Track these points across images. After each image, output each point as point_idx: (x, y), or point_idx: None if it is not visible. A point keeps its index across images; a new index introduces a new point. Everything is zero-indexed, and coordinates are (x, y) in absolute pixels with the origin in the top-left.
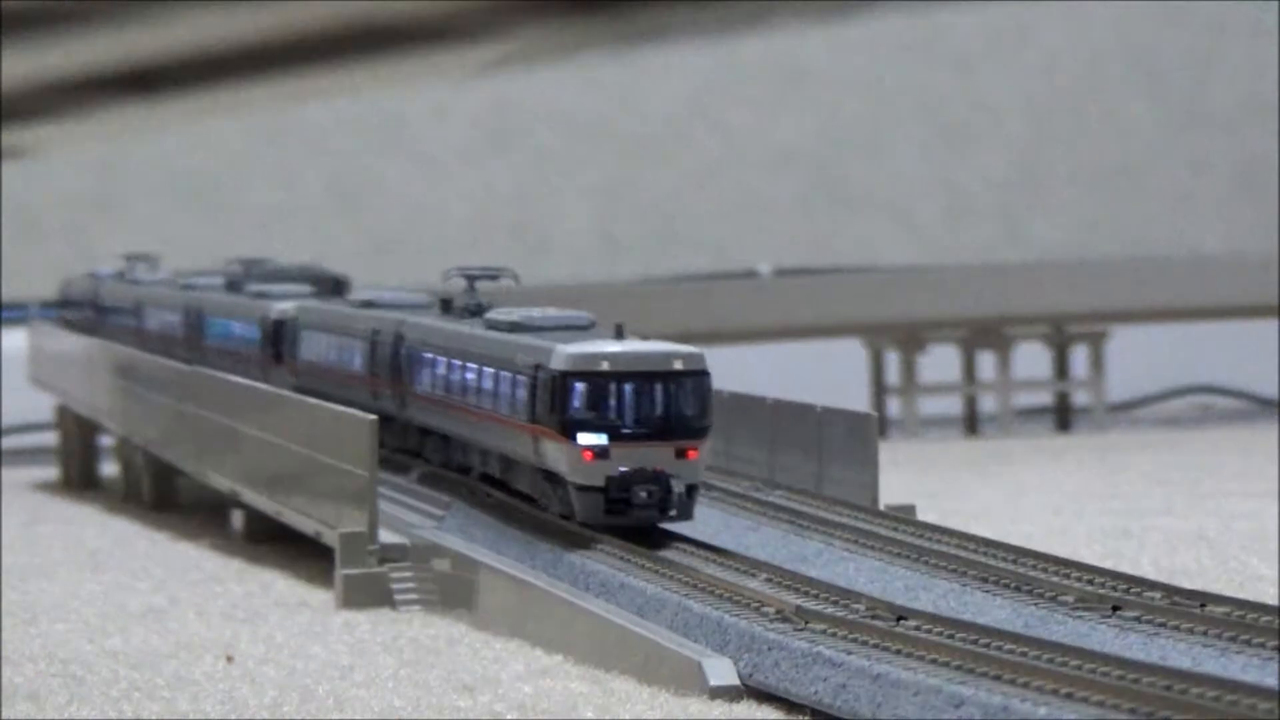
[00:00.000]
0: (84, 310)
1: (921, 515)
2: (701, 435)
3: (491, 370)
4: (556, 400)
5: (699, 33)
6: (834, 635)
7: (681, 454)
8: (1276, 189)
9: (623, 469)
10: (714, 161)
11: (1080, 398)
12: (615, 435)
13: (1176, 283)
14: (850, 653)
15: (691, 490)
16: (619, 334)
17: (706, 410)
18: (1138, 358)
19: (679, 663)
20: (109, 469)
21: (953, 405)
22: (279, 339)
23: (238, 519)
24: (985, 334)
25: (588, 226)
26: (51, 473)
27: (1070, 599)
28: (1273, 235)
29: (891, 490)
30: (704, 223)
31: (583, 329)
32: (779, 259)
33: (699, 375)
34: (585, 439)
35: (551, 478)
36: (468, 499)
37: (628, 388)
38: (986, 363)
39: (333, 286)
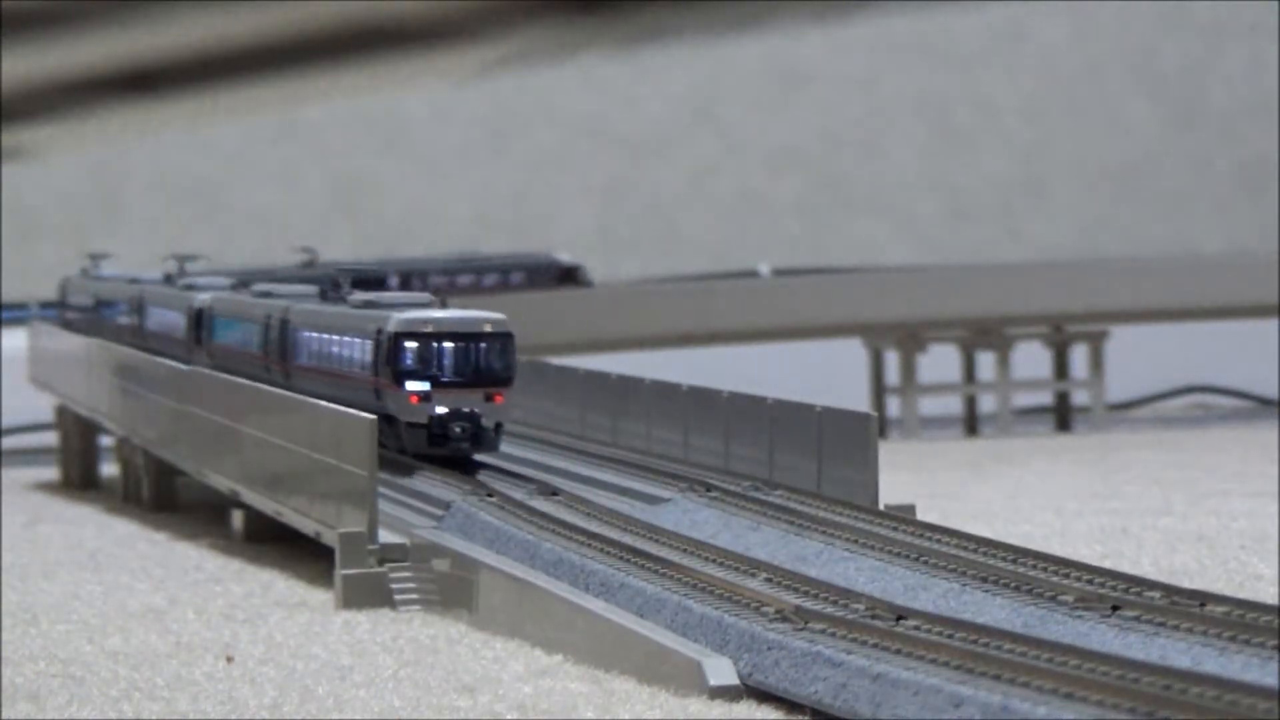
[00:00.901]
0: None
1: (921, 515)
2: (506, 384)
3: (348, 339)
4: (390, 356)
5: (699, 33)
6: (834, 635)
7: (490, 398)
8: (1276, 189)
9: (442, 410)
10: (714, 161)
11: (1080, 398)
12: (436, 383)
13: (1176, 283)
14: (850, 652)
15: (498, 428)
16: (443, 305)
17: (510, 364)
18: (1137, 358)
19: (679, 663)
20: (109, 469)
21: (952, 405)
22: (199, 325)
23: (238, 519)
24: (985, 334)
25: (588, 226)
26: (51, 473)
27: (1070, 599)
28: (1273, 235)
29: (891, 490)
30: (704, 223)
31: (420, 305)
32: (779, 259)
33: (504, 336)
34: (412, 385)
35: (389, 419)
36: (468, 499)
37: (446, 346)
38: (986, 363)
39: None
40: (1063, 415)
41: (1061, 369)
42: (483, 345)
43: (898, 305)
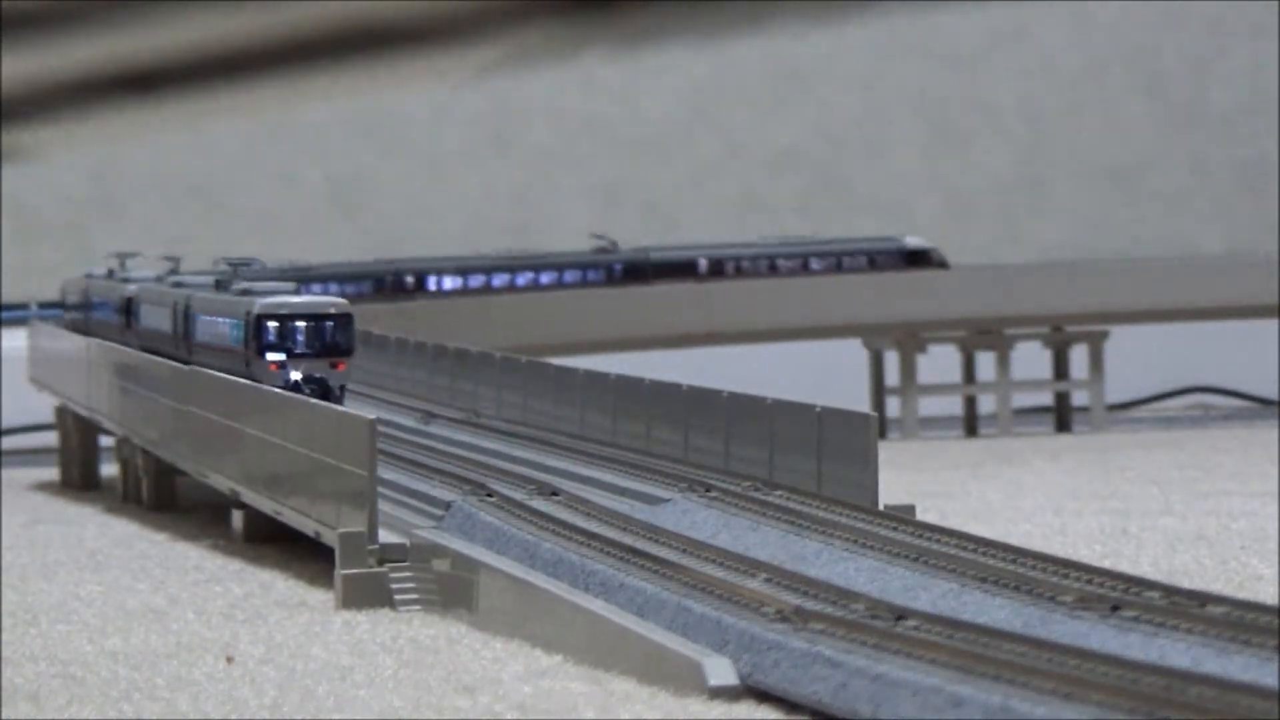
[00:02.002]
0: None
1: (921, 515)
2: (347, 354)
3: (228, 319)
4: (255, 333)
5: (698, 33)
6: (834, 635)
7: (334, 365)
8: (1276, 189)
9: (296, 375)
10: (714, 161)
11: (1079, 398)
12: (290, 354)
13: (1176, 283)
14: (850, 652)
15: (342, 388)
16: (297, 292)
17: (350, 339)
18: (1137, 358)
19: (679, 663)
20: (109, 469)
21: (952, 405)
22: (129, 312)
23: (237, 519)
24: (985, 334)
25: (588, 226)
26: (51, 473)
27: (1070, 599)
28: (1273, 235)
29: (891, 490)
30: (704, 223)
31: (282, 293)
32: None
33: (345, 316)
34: (271, 356)
35: (258, 380)
36: (468, 499)
37: (298, 324)
38: (986, 363)
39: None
40: (1062, 415)
41: (1061, 369)
42: (328, 324)
43: (897, 305)
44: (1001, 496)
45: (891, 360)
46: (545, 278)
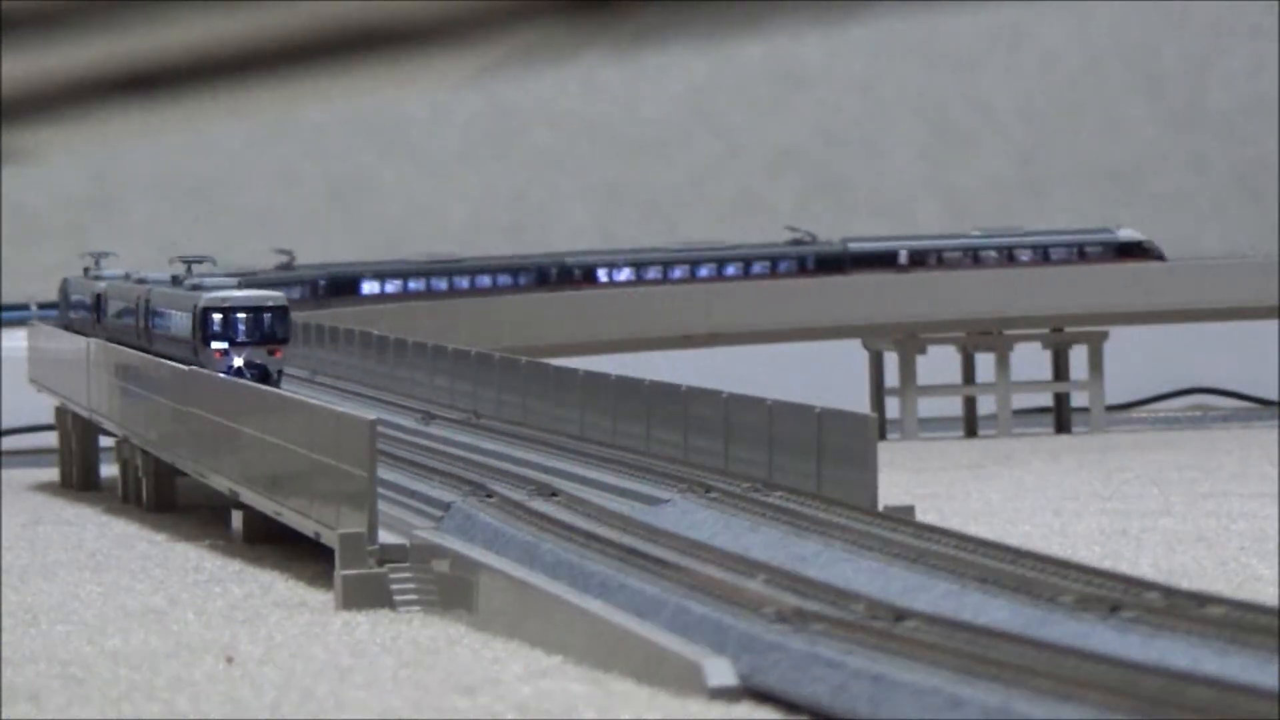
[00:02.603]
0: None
1: (920, 516)
2: (283, 342)
3: (181, 312)
4: (201, 324)
5: (699, 33)
6: (833, 636)
7: (271, 352)
8: (1276, 189)
9: (238, 361)
10: (714, 161)
11: (1079, 399)
12: (232, 342)
13: (1176, 283)
14: (849, 653)
15: (279, 373)
16: (239, 287)
17: (286, 328)
18: (1136, 359)
19: (678, 663)
20: (109, 469)
21: (952, 406)
22: (99, 306)
23: (237, 519)
24: (984, 335)
25: (588, 226)
26: (51, 473)
27: (1069, 599)
28: (1273, 235)
29: (890, 491)
30: (704, 223)
31: (226, 288)
32: None
33: (281, 308)
34: (215, 344)
35: (204, 367)
36: (468, 500)
37: (239, 316)
38: (985, 364)
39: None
40: (1062, 416)
41: (1060, 370)
42: (265, 315)
43: (897, 306)
44: (1001, 497)
45: (891, 361)
46: (731, 269)
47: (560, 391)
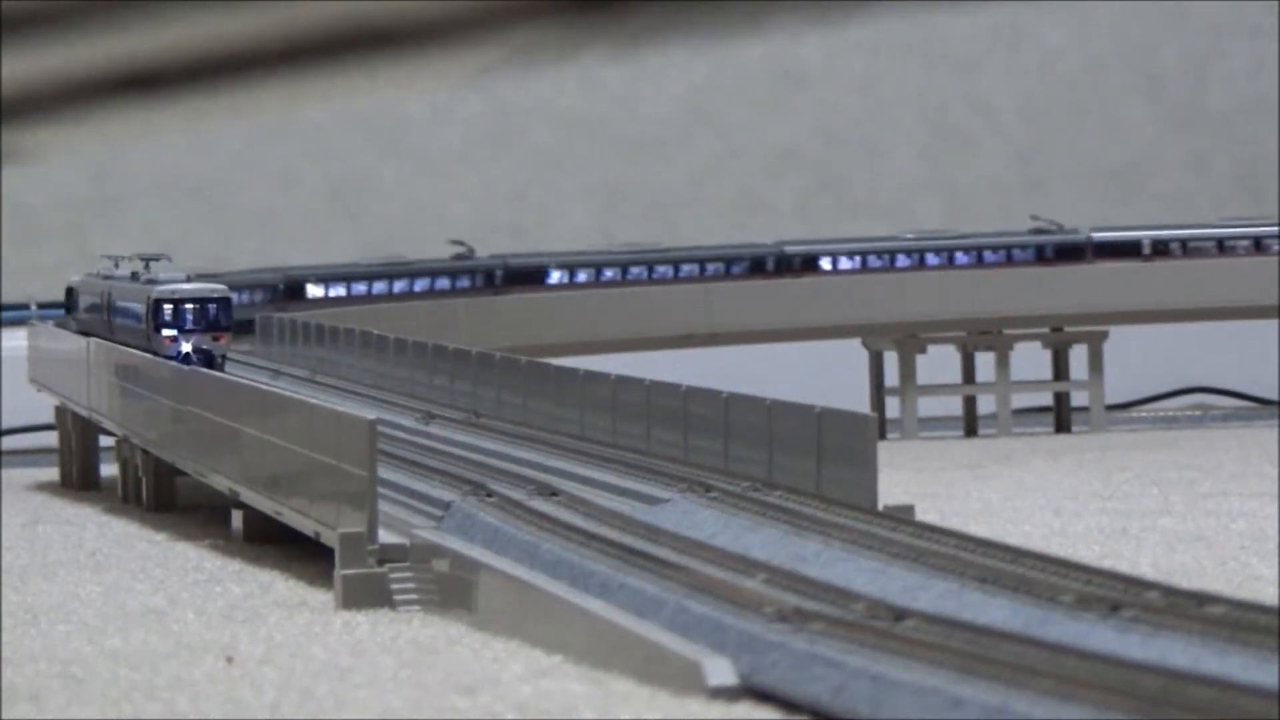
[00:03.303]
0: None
1: (920, 515)
2: (227, 330)
3: (138, 304)
4: (153, 314)
5: (699, 33)
6: (833, 635)
7: (216, 339)
8: (1276, 189)
9: (186, 347)
10: (714, 161)
11: (1079, 398)
12: (181, 330)
13: (1176, 283)
14: (849, 653)
15: (223, 358)
16: (188, 280)
17: (229, 317)
18: (1136, 358)
19: (678, 663)
20: (109, 469)
21: (952, 406)
22: (71, 299)
23: (237, 519)
24: (984, 334)
25: (588, 226)
26: (51, 473)
27: (1069, 599)
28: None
29: (890, 490)
30: (704, 223)
31: (176, 281)
32: None
33: (224, 299)
34: (166, 332)
35: (157, 353)
36: (468, 499)
37: (186, 306)
38: (985, 363)
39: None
40: (1062, 416)
41: (1060, 370)
42: (210, 305)
43: (897, 306)
44: (1001, 497)
45: (891, 360)
46: (962, 258)
47: (560, 391)
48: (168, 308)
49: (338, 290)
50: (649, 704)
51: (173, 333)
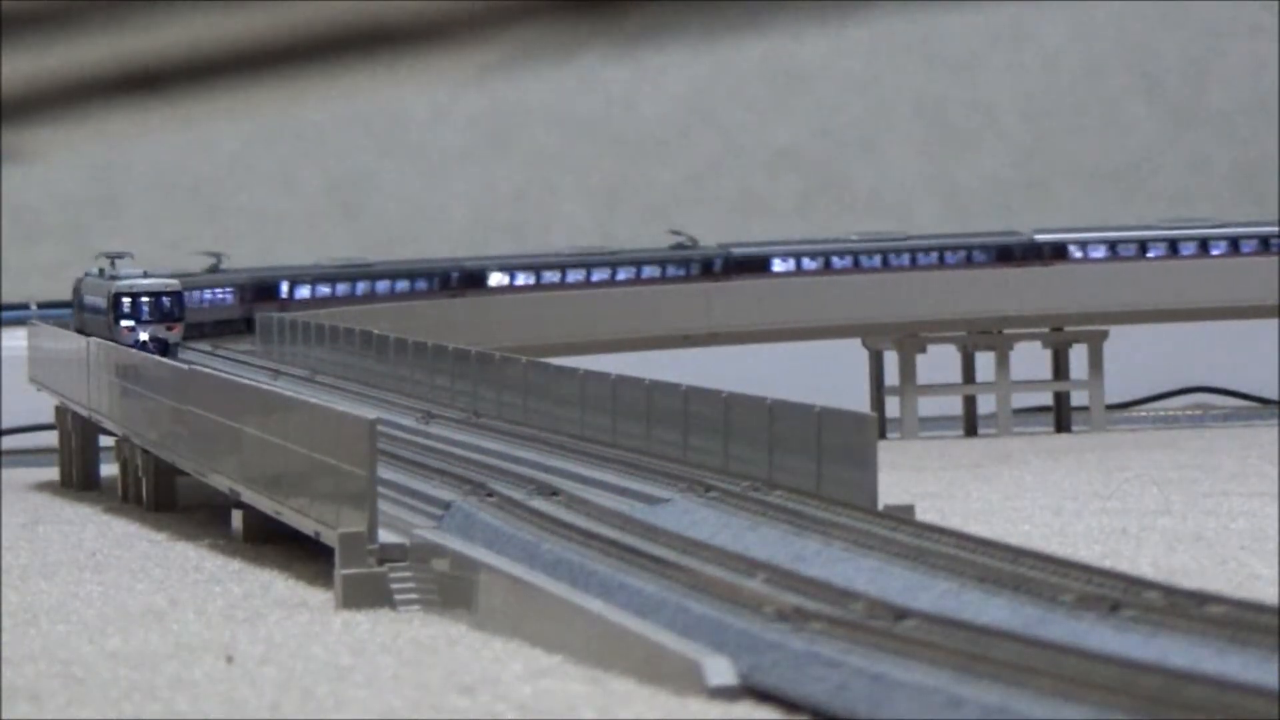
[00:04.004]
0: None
1: (920, 515)
2: (179, 321)
3: (99, 298)
4: (113, 306)
5: (699, 33)
6: (832, 635)
7: (169, 328)
8: (1276, 189)
9: (143, 335)
10: (714, 161)
11: (1079, 398)
12: (137, 320)
13: (1176, 283)
14: (849, 653)
15: (177, 345)
16: (145, 276)
17: (180, 308)
18: (1136, 358)
19: (678, 663)
20: (109, 469)
21: (952, 405)
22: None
23: (237, 519)
24: (984, 334)
25: (588, 226)
26: (51, 473)
27: (1069, 598)
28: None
29: (890, 490)
30: (704, 223)
31: (135, 277)
32: None
33: (176, 293)
34: (124, 322)
35: (118, 341)
36: (468, 499)
37: (142, 299)
38: (985, 363)
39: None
40: (1062, 415)
41: (1060, 369)
42: (164, 298)
43: (898, 306)
44: (1001, 496)
45: (891, 360)
46: (1185, 249)
47: (560, 391)
48: (126, 300)
49: (521, 279)
50: (649, 704)
51: (130, 323)
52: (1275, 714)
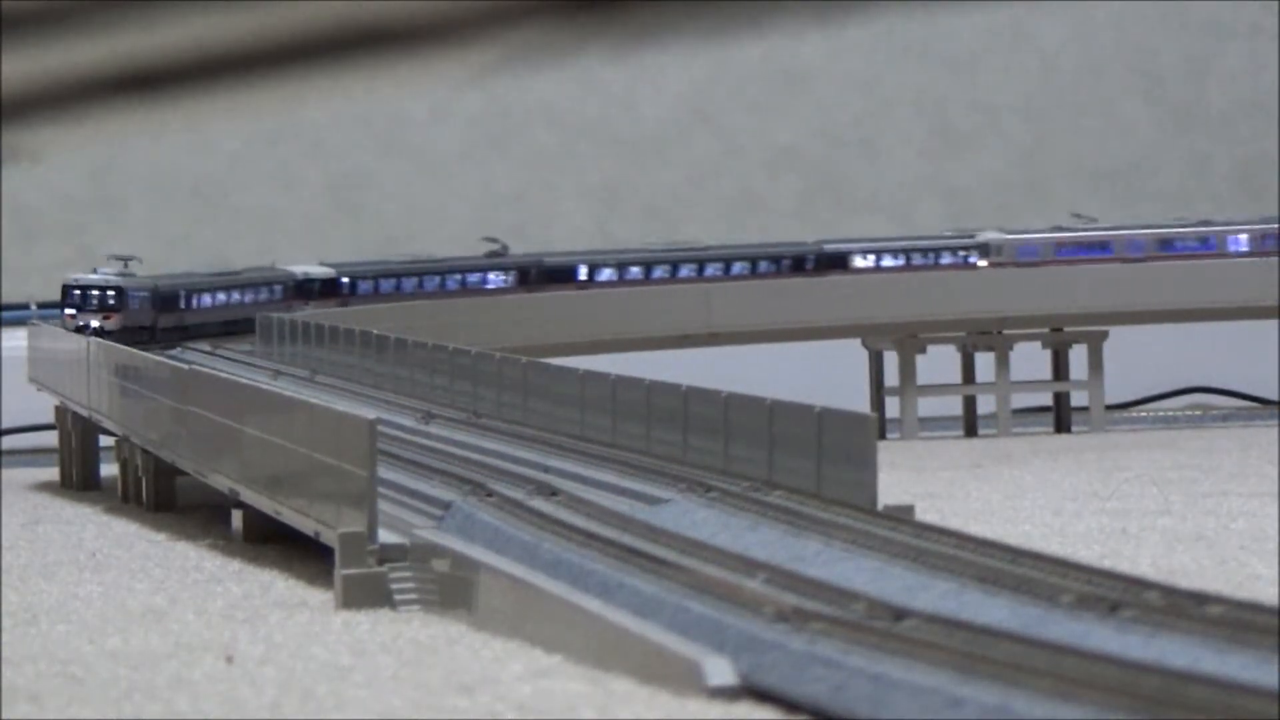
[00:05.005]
0: None
1: (920, 515)
2: (116, 311)
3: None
4: (63, 297)
5: (699, 33)
6: (832, 635)
7: (106, 318)
8: (1276, 189)
9: (94, 323)
10: (714, 161)
11: (1078, 398)
12: (78, 310)
13: (1176, 283)
14: (849, 653)
15: (112, 332)
16: (94, 272)
17: (120, 301)
18: (1135, 358)
19: (678, 663)
20: (109, 469)
21: (951, 406)
22: None
23: (237, 519)
24: (984, 334)
25: (588, 226)
26: (51, 473)
27: (1069, 599)
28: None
29: (890, 490)
30: (704, 223)
31: (89, 274)
32: None
33: (116, 287)
34: (68, 310)
35: (81, 330)
36: (468, 499)
37: (91, 291)
38: (985, 363)
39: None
40: (1061, 416)
41: (1060, 370)
42: (108, 291)
43: (897, 306)
44: (1001, 497)
45: (891, 360)
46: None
47: (560, 391)
48: (75, 293)
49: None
50: (649, 704)
51: (72, 311)
52: (1275, 714)
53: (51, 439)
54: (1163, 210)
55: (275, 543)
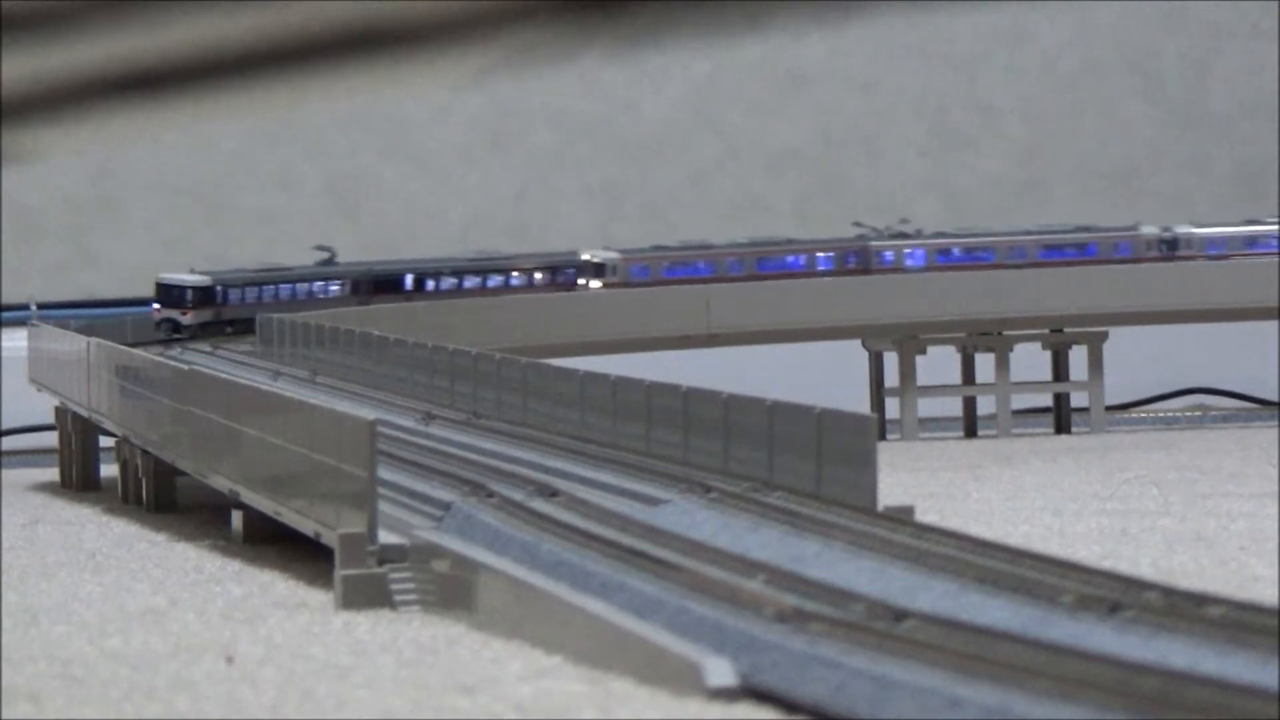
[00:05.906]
0: None
1: (920, 516)
2: (196, 307)
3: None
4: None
5: (699, 33)
6: (832, 636)
7: (184, 312)
8: (1276, 189)
9: (162, 317)
10: (714, 161)
11: (1078, 399)
12: (164, 304)
13: (1176, 283)
14: (849, 653)
15: (188, 326)
16: (191, 272)
17: (191, 299)
18: (1136, 359)
19: (678, 663)
20: (109, 469)
21: (952, 406)
22: None
23: (237, 519)
24: (984, 335)
25: (588, 226)
26: (51, 473)
27: (1069, 599)
28: None
29: (890, 491)
30: (704, 223)
31: (175, 275)
32: None
33: (187, 286)
34: (155, 305)
35: (160, 324)
36: (468, 499)
37: (173, 290)
38: (985, 364)
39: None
40: (1061, 417)
41: (1060, 370)
42: (187, 290)
43: (897, 306)
44: (1000, 497)
45: (891, 361)
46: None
47: (560, 390)
48: (162, 289)
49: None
50: (649, 704)
51: (158, 305)
52: (1275, 714)
53: (51, 439)
54: (1162, 211)
55: (275, 543)
